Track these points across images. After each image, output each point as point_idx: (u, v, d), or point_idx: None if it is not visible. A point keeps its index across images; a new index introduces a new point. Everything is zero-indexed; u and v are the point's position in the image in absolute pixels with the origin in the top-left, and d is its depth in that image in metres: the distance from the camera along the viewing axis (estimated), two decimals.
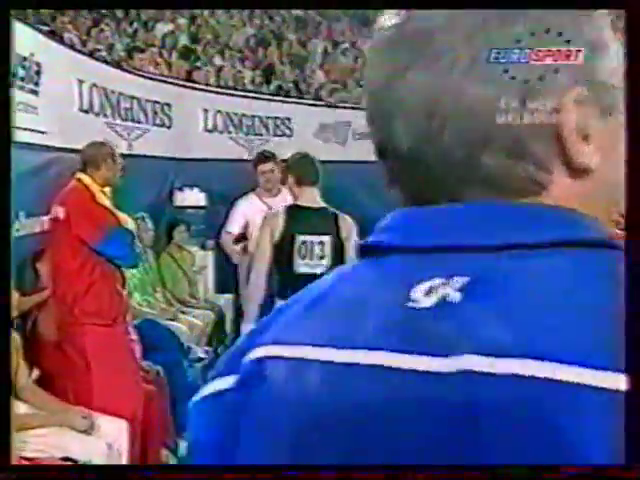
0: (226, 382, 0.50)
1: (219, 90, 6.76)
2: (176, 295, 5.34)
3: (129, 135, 5.25)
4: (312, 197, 3.39)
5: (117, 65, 5.59)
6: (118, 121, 5.17)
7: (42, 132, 4.21)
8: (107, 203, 3.43)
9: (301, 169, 3.42)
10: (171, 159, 5.90)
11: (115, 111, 5.12)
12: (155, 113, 5.69)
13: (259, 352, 0.48)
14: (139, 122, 5.45)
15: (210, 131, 6.38)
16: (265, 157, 4.50)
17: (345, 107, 7.72)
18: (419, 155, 0.46)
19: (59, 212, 3.40)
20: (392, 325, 0.42)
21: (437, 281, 0.42)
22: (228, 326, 5.76)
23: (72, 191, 3.45)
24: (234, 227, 4.62)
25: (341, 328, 0.45)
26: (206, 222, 6.01)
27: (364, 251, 0.49)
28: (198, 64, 7.11)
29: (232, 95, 6.78)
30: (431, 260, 0.44)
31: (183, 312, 5.19)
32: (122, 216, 3.48)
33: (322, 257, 3.29)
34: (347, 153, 7.25)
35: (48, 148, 4.27)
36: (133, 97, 5.32)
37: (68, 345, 3.42)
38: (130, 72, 5.63)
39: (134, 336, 3.55)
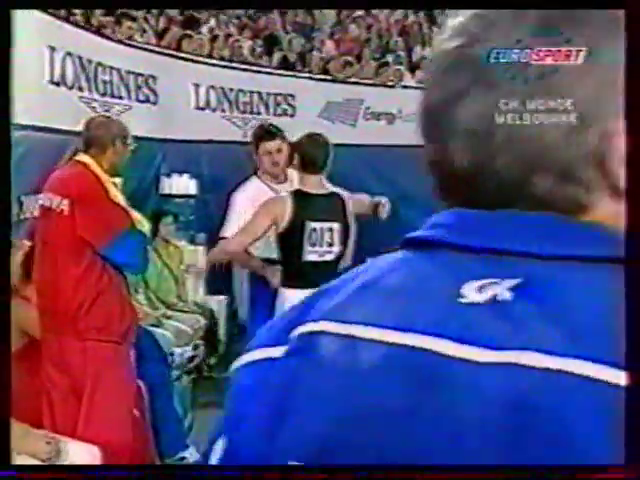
0: (275, 352, 0.57)
1: (212, 62, 6.61)
2: (161, 297, 5.19)
3: (108, 112, 5.07)
4: (318, 184, 3.41)
5: (97, 32, 5.41)
6: (95, 96, 5.02)
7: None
8: (121, 200, 3.19)
9: (309, 152, 3.37)
10: (157, 140, 5.74)
11: (92, 84, 4.96)
12: (138, 87, 5.53)
13: (310, 327, 0.56)
14: (120, 97, 5.30)
15: (202, 109, 6.23)
16: (270, 133, 3.83)
17: (357, 83, 7.62)
18: (475, 174, 0.54)
19: (62, 204, 3.13)
20: (443, 315, 0.50)
21: (489, 280, 0.50)
22: (221, 332, 5.60)
23: (78, 180, 3.17)
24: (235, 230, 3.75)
25: (392, 312, 0.53)
26: (196, 213, 5.86)
27: (412, 244, 0.57)
28: (189, 32, 6.93)
29: (227, 68, 6.63)
30: (483, 260, 0.52)
31: (169, 317, 5.05)
32: (136, 216, 3.25)
33: (331, 244, 3.35)
34: (357, 135, 7.13)
35: (13, 126, 4.10)
36: (113, 68, 5.16)
37: (51, 362, 3.19)
38: (110, 39, 5.46)
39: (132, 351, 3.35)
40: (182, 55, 6.29)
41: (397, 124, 7.53)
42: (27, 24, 4.23)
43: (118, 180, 3.28)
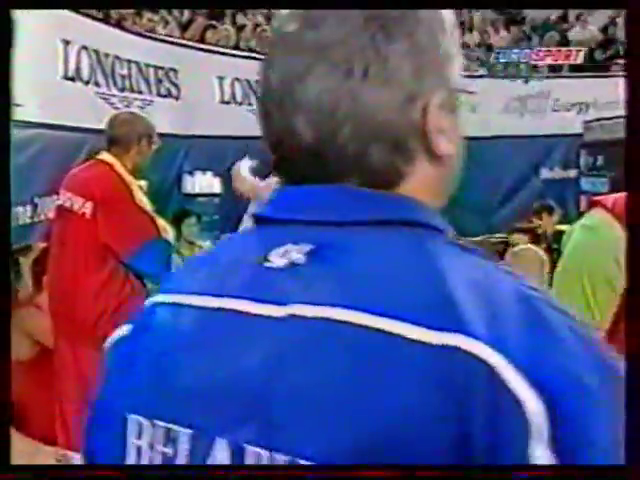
0: (125, 329, 0.70)
1: (238, 53, 6.55)
2: None
3: (127, 108, 5.05)
4: None
5: (111, 23, 5.38)
6: (114, 91, 4.99)
7: (17, 105, 4.01)
8: (147, 205, 3.12)
9: None
10: (179, 137, 5.70)
11: (109, 79, 4.93)
12: (159, 81, 5.50)
13: (150, 300, 0.70)
14: (139, 92, 5.26)
15: (226, 102, 6.18)
16: None
17: None
18: (319, 147, 0.64)
19: (84, 207, 3.05)
20: (251, 280, 0.63)
21: (289, 247, 0.62)
22: None
23: (102, 181, 3.09)
24: None
25: (215, 280, 0.65)
26: (221, 212, 5.81)
27: (255, 220, 0.70)
28: (214, 22, 6.89)
29: (254, 59, 6.56)
30: (290, 230, 0.64)
31: None
32: (162, 223, 3.18)
33: None
34: None
35: (25, 124, 4.07)
36: (131, 62, 5.13)
37: (65, 373, 3.14)
38: (128, 31, 5.43)
39: None
40: (205, 47, 6.24)
41: None
42: (39, 17, 4.21)
43: (143, 183, 3.20)
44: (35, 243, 3.93)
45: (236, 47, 6.85)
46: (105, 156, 3.16)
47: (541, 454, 0.52)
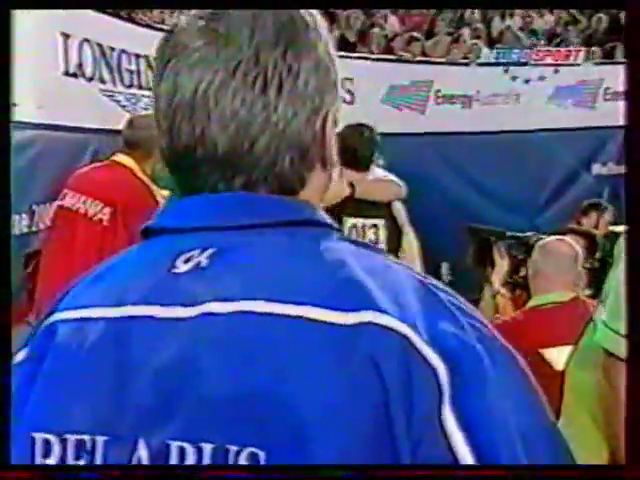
0: (22, 353, 0.75)
1: None
2: None
3: (135, 106, 4.95)
4: (361, 179, 3.40)
5: (117, 14, 5.28)
6: (120, 88, 4.90)
7: (12, 104, 3.93)
8: None
9: (349, 146, 3.27)
10: None
11: (115, 75, 4.83)
12: None
13: (48, 321, 0.74)
14: (148, 89, 5.13)
15: None
16: None
17: (426, 62, 7.39)
18: (232, 159, 0.72)
19: (102, 213, 2.98)
20: (156, 286, 0.70)
21: (193, 252, 0.70)
22: None
23: (125, 187, 3.01)
24: None
25: (119, 290, 0.71)
26: None
27: (145, 232, 0.77)
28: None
29: None
30: (191, 237, 0.72)
31: None
32: None
33: (376, 242, 3.39)
34: (427, 122, 6.96)
35: (22, 125, 3.99)
36: (139, 56, 5.02)
37: None
38: (136, 23, 5.34)
39: None
40: None
41: (474, 107, 7.23)
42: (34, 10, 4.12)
43: (166, 193, 3.08)
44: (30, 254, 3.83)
45: None
46: (122, 158, 3.05)
47: (448, 415, 0.61)
